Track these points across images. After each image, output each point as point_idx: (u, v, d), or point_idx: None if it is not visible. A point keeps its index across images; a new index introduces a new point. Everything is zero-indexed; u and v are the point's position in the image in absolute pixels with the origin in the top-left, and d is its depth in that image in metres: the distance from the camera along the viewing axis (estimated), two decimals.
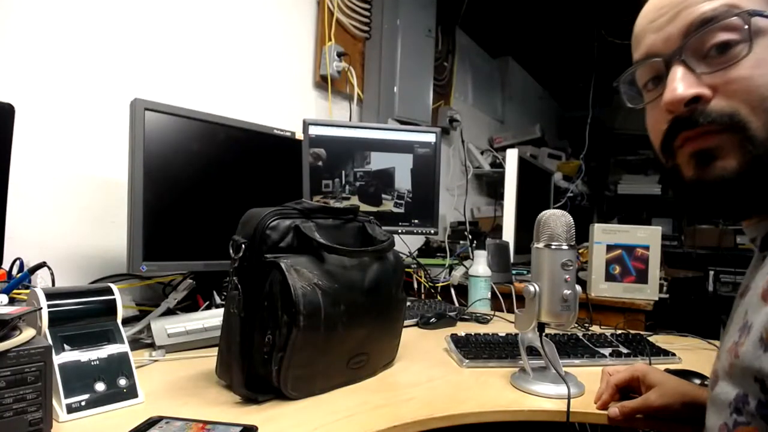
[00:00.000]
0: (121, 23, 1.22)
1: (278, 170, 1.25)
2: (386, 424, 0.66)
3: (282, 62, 1.69)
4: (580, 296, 0.80)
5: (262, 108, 1.61)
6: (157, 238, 1.00)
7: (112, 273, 1.14)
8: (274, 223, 0.75)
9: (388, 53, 2.00)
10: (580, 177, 3.14)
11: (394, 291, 0.87)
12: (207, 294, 1.12)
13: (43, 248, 1.05)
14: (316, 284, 0.73)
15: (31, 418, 0.56)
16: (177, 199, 1.05)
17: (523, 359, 0.84)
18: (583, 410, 0.74)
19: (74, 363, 0.66)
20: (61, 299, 0.69)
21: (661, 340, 1.12)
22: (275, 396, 0.73)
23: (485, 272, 1.48)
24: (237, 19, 1.53)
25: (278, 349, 0.70)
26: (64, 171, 1.11)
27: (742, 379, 0.44)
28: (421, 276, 1.74)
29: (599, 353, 0.99)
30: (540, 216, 0.81)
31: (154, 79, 1.29)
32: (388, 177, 1.49)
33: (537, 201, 2.09)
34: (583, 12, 2.90)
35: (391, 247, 0.88)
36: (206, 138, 1.09)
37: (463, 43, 2.81)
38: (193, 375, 0.83)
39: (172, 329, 0.95)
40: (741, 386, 0.44)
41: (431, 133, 1.54)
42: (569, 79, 3.75)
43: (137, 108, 0.98)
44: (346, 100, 1.97)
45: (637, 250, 1.47)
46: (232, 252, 0.75)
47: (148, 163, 0.99)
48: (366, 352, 0.82)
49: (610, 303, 1.46)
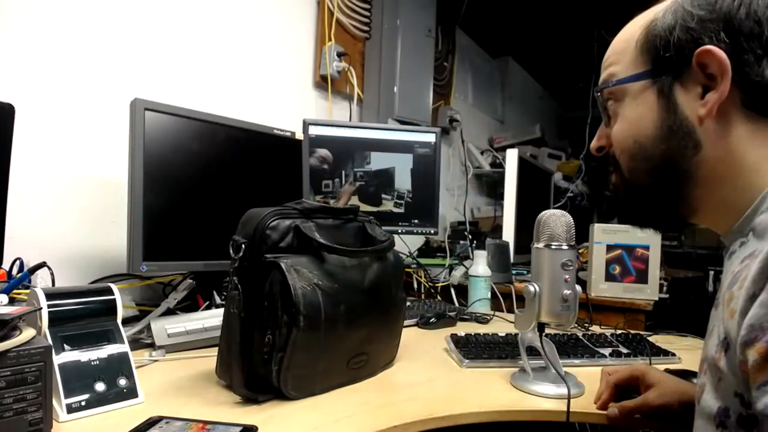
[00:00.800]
0: (121, 23, 1.22)
1: (278, 170, 1.25)
2: (386, 424, 0.66)
3: (282, 62, 1.69)
4: (580, 296, 0.80)
5: (262, 108, 1.61)
6: (157, 238, 1.00)
7: (112, 273, 1.14)
8: (274, 223, 0.75)
9: (388, 53, 2.00)
10: (580, 177, 3.14)
11: (394, 291, 0.87)
12: (207, 294, 1.12)
13: (43, 248, 1.05)
14: (316, 284, 0.73)
15: (31, 418, 0.56)
16: (177, 199, 1.05)
17: (523, 359, 0.84)
18: (583, 410, 0.74)
19: (74, 363, 0.66)
20: (61, 299, 0.69)
21: (661, 340, 1.12)
22: (275, 396, 0.73)
23: (485, 272, 1.48)
24: (237, 19, 1.53)
25: (278, 349, 0.70)
26: (64, 171, 1.11)
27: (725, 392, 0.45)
28: (421, 276, 1.74)
29: (599, 353, 0.99)
30: (540, 216, 0.81)
31: (154, 79, 1.29)
32: (388, 177, 1.49)
33: (537, 201, 2.09)
34: (583, 12, 2.90)
35: (391, 247, 0.88)
36: (206, 138, 1.09)
37: (463, 43, 2.81)
38: (193, 375, 0.83)
39: (172, 329, 0.95)
40: (723, 400, 0.46)
41: (431, 133, 1.54)
42: (569, 79, 3.75)
43: (137, 108, 0.98)
44: (346, 100, 1.97)
45: (637, 250, 1.47)
46: (232, 252, 0.75)
47: (148, 163, 0.99)
48: (366, 352, 0.82)
49: (610, 303, 1.46)
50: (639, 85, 0.56)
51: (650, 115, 0.55)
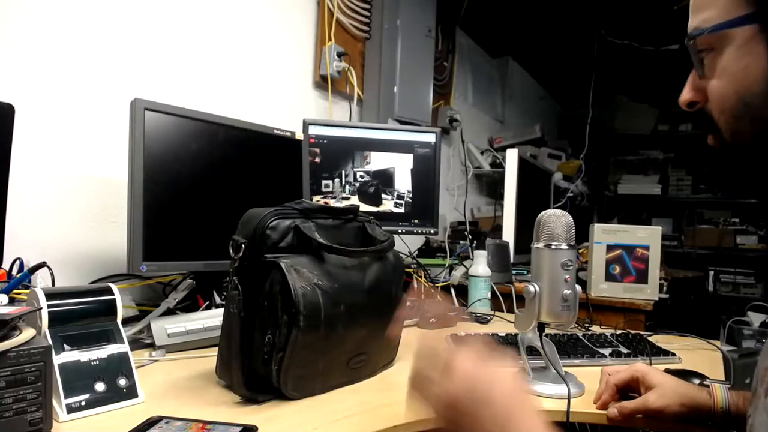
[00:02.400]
0: (121, 23, 1.22)
1: (278, 170, 1.25)
2: (386, 424, 0.66)
3: (282, 62, 1.69)
4: (580, 296, 0.80)
5: (262, 108, 1.61)
6: (157, 238, 1.00)
7: (112, 273, 1.14)
8: (274, 223, 0.75)
9: (388, 53, 2.00)
10: (580, 177, 3.14)
11: (394, 291, 0.87)
12: (207, 294, 1.12)
13: (43, 248, 1.05)
14: (316, 284, 0.73)
15: (31, 418, 0.56)
16: (177, 199, 1.05)
17: (523, 359, 0.84)
18: (583, 410, 0.74)
19: (74, 363, 0.66)
20: (61, 299, 0.69)
21: (661, 340, 1.12)
22: (275, 396, 0.73)
23: (485, 272, 1.48)
24: (237, 18, 1.53)
25: (278, 349, 0.70)
26: (64, 171, 1.11)
27: None
28: (421, 276, 1.74)
29: (599, 353, 0.99)
30: (540, 216, 0.81)
31: (154, 79, 1.29)
32: (388, 177, 1.49)
33: (537, 201, 2.09)
34: (583, 12, 2.90)
35: (391, 247, 0.88)
36: (206, 138, 1.09)
37: (463, 43, 2.81)
38: (193, 375, 0.83)
39: (172, 329, 0.95)
40: None
41: (431, 133, 1.53)
42: (569, 79, 3.75)
43: (137, 108, 0.98)
44: (346, 100, 1.97)
45: (637, 250, 1.47)
46: (232, 252, 0.75)
47: (148, 163, 0.99)
48: (366, 352, 0.82)
49: (610, 303, 1.46)
50: (742, 31, 0.47)
51: (758, 68, 0.46)
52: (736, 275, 3.90)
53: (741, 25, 0.47)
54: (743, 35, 0.47)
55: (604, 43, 2.98)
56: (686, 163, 4.19)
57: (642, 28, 2.97)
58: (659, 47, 2.91)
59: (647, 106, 4.19)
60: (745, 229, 3.92)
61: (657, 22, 2.84)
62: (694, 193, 4.13)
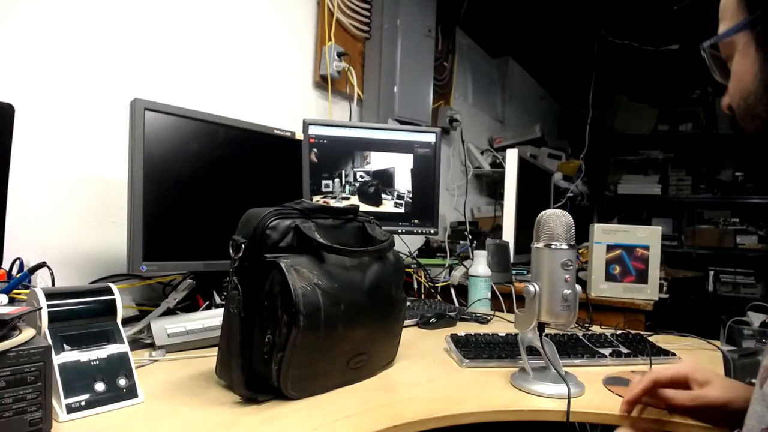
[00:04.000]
0: (121, 23, 1.22)
1: (278, 170, 1.25)
2: (386, 424, 0.66)
3: (282, 62, 1.69)
4: (580, 296, 0.80)
5: (262, 108, 1.61)
6: (157, 238, 1.00)
7: (112, 273, 1.14)
8: (274, 223, 0.75)
9: (388, 53, 2.00)
10: (580, 177, 3.14)
11: (394, 291, 0.87)
12: (207, 294, 1.12)
13: (43, 248, 1.05)
14: (316, 284, 0.73)
15: (31, 418, 0.56)
16: (177, 199, 1.05)
17: (523, 359, 0.84)
18: (583, 410, 0.74)
19: (74, 363, 0.66)
20: (61, 299, 0.69)
21: (661, 340, 1.12)
22: (275, 396, 0.73)
23: (485, 272, 1.48)
24: (237, 18, 1.53)
25: (278, 349, 0.70)
26: (64, 171, 1.11)
27: None
28: (421, 276, 1.74)
29: (599, 353, 0.99)
30: (540, 216, 0.81)
31: (154, 79, 1.29)
32: (388, 177, 1.49)
33: (537, 201, 2.09)
34: (583, 12, 2.90)
35: (391, 247, 0.88)
36: (206, 138, 1.09)
37: (463, 43, 2.81)
38: (193, 375, 0.83)
39: (172, 329, 0.95)
40: None
41: (431, 133, 1.53)
42: (569, 79, 3.75)
43: (137, 108, 0.98)
44: (346, 100, 1.97)
45: (637, 250, 1.47)
46: (232, 252, 0.75)
47: (148, 163, 0.99)
48: (366, 352, 0.82)
49: (610, 303, 1.46)
50: (741, 37, 0.52)
51: (752, 69, 0.51)
52: (736, 275, 3.91)
53: (738, 32, 0.52)
54: (742, 41, 0.52)
55: (604, 43, 2.98)
56: (686, 163, 4.19)
57: (642, 28, 2.97)
58: (659, 47, 2.92)
59: (647, 106, 4.19)
60: (745, 229, 3.93)
61: (657, 22, 2.85)
62: (694, 193, 4.13)
